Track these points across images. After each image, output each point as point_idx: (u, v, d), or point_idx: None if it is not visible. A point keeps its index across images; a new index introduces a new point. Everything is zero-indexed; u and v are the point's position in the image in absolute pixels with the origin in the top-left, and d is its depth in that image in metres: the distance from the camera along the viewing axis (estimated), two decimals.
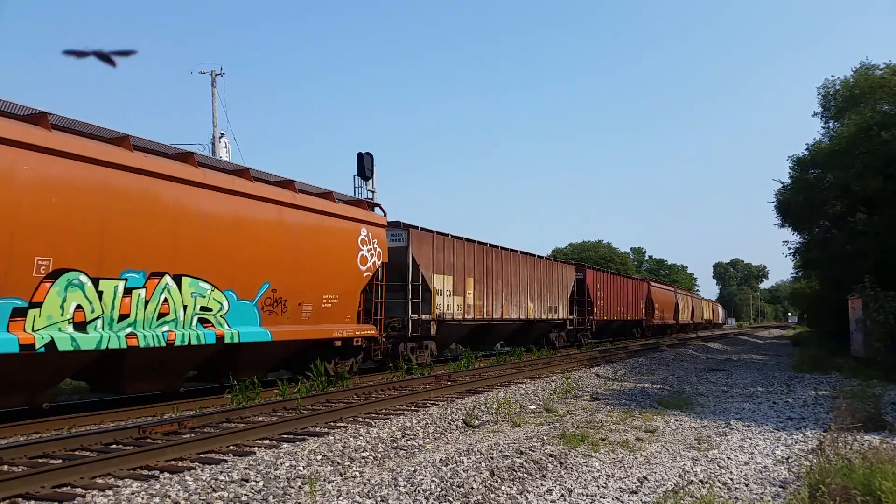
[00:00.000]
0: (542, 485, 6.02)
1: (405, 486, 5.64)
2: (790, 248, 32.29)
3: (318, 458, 6.65)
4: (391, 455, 7.18)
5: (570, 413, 10.36)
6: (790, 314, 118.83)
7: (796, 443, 8.14)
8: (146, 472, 6.23)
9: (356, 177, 22.46)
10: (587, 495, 5.74)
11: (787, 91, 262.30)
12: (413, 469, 6.20)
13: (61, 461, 6.51)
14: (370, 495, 5.44)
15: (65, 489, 5.65)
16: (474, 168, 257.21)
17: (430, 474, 5.97)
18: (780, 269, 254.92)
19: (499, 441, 7.72)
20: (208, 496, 5.31)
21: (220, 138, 25.01)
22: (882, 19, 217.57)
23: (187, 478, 5.76)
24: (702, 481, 6.18)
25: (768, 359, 25.41)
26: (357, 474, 6.29)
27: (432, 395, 11.79)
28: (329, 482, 5.96)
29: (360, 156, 22.51)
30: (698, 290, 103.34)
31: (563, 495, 5.73)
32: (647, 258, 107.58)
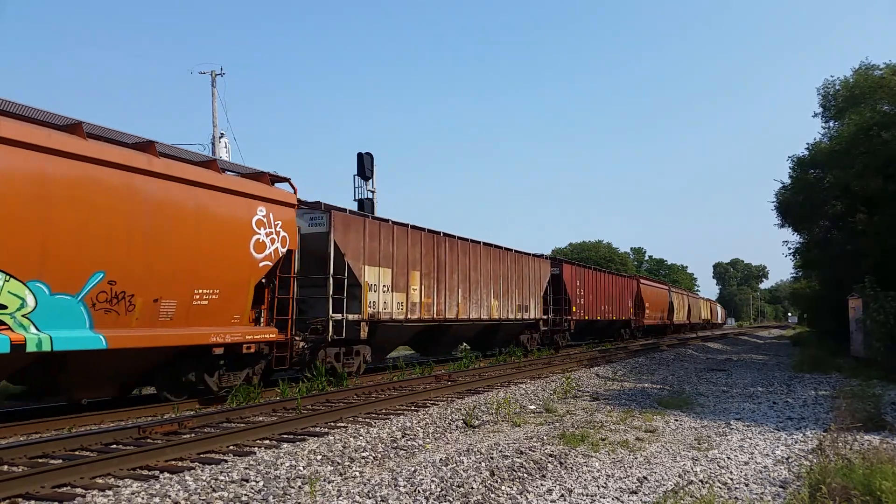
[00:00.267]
0: (542, 485, 6.03)
1: (405, 486, 5.64)
2: (790, 248, 32.36)
3: (318, 458, 6.66)
4: (391, 455, 7.19)
5: (570, 413, 10.37)
6: (790, 314, 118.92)
7: (796, 443, 8.14)
8: (146, 472, 6.23)
9: (356, 177, 22.51)
10: (587, 495, 5.74)
11: (787, 91, 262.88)
12: (413, 469, 6.20)
13: (61, 461, 6.52)
14: (370, 495, 5.44)
15: (65, 489, 5.66)
16: (474, 168, 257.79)
17: (430, 474, 5.97)
18: (780, 269, 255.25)
19: (499, 441, 7.72)
20: (208, 496, 5.32)
21: (220, 138, 25.01)
22: (882, 19, 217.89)
23: (187, 478, 5.77)
24: (702, 481, 6.18)
25: (768, 359, 25.42)
26: (357, 474, 6.29)
27: (432, 394, 11.81)
28: (329, 482, 5.96)
29: (360, 156, 22.55)
30: (698, 290, 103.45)
31: (563, 495, 5.73)
32: (647, 258, 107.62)
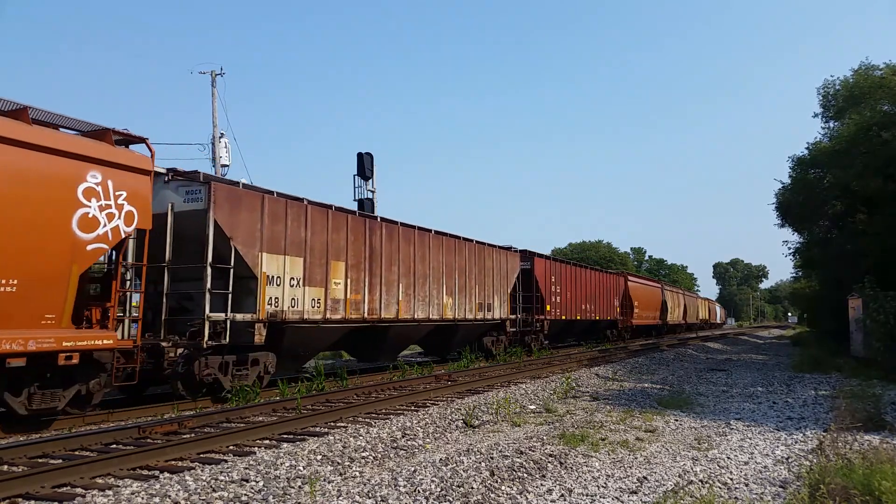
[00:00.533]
0: (542, 485, 6.02)
1: (405, 486, 5.64)
2: (790, 248, 32.36)
3: (318, 458, 6.66)
4: (391, 455, 7.18)
5: (570, 413, 10.36)
6: (790, 314, 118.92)
7: (796, 443, 8.14)
8: (146, 472, 6.23)
9: (356, 177, 22.52)
10: (587, 495, 5.74)
11: (787, 91, 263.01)
12: (413, 469, 6.20)
13: (61, 461, 6.51)
14: (370, 495, 5.44)
15: (65, 489, 5.66)
16: (474, 168, 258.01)
17: (430, 474, 5.97)
18: (780, 269, 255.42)
19: (499, 441, 7.72)
20: (208, 496, 5.32)
21: (220, 138, 25.03)
22: (882, 19, 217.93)
23: (187, 478, 5.77)
24: (702, 481, 6.18)
25: (768, 359, 25.41)
26: (357, 474, 6.29)
27: (432, 394, 11.80)
28: (329, 482, 5.96)
29: (360, 156, 22.55)
30: (698, 290, 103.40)
31: (563, 495, 5.73)
32: (647, 258, 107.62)
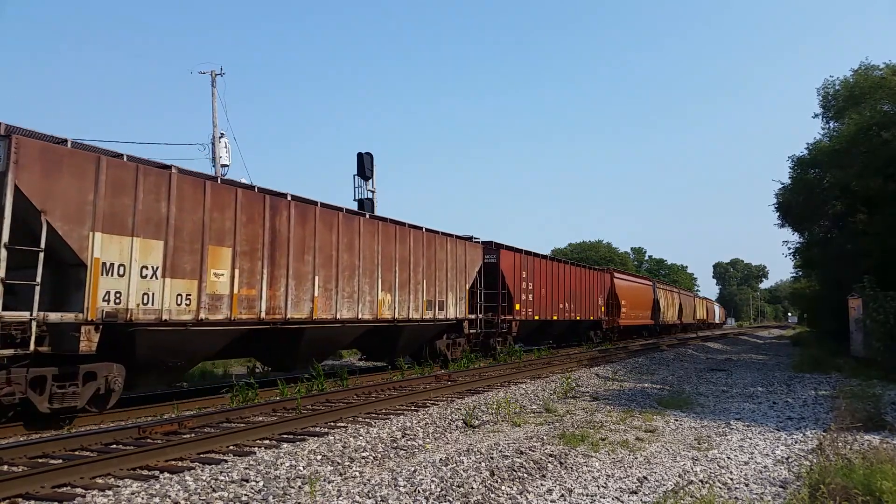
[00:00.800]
0: (542, 485, 6.02)
1: (405, 486, 5.64)
2: (790, 248, 32.43)
3: (318, 458, 6.66)
4: (391, 455, 7.18)
5: (570, 413, 10.36)
6: (790, 314, 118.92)
7: (796, 443, 8.14)
8: (146, 472, 6.23)
9: (356, 177, 22.53)
10: (587, 495, 5.74)
11: (787, 91, 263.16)
12: (413, 469, 6.20)
13: (61, 461, 6.51)
14: (370, 495, 5.44)
15: (65, 489, 5.66)
16: (474, 168, 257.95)
17: (430, 474, 5.97)
18: (780, 269, 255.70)
19: (499, 441, 7.72)
20: (208, 496, 5.32)
21: (220, 138, 25.00)
22: (882, 19, 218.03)
23: (187, 478, 5.77)
24: (702, 481, 6.18)
25: (768, 359, 25.41)
26: (357, 474, 6.29)
27: (432, 395, 11.79)
28: (329, 482, 5.96)
29: (360, 156, 22.56)
30: (698, 290, 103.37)
31: (563, 495, 5.73)
32: (647, 258, 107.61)
